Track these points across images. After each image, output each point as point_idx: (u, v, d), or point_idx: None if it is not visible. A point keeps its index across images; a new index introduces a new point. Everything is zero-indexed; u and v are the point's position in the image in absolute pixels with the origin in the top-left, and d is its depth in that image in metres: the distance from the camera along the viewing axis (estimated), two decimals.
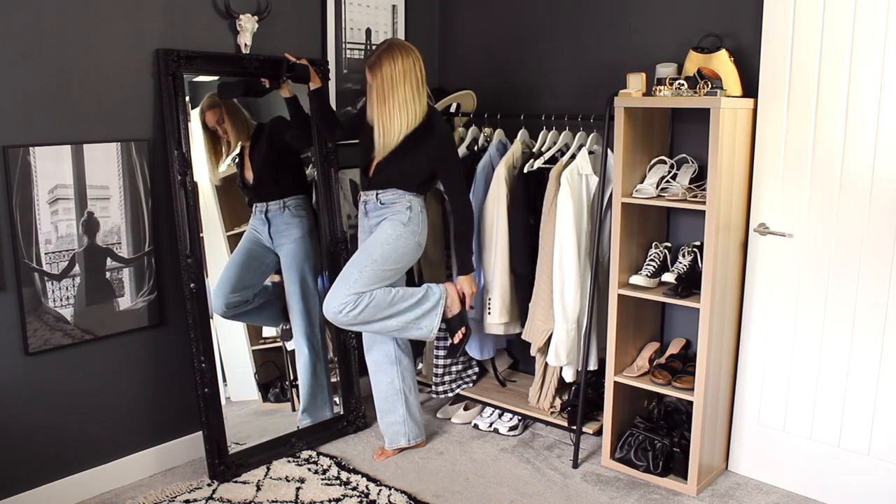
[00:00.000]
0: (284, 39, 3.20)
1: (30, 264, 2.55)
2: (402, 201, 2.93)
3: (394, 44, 2.84)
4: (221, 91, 2.91)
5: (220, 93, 2.91)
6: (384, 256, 2.87)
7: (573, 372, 3.13)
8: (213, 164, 3.02)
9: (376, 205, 2.96)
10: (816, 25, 2.60)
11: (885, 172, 2.54)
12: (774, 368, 2.87)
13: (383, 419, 3.15)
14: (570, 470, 3.05)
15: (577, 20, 3.37)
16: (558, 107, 3.38)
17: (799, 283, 2.77)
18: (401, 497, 2.81)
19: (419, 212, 2.96)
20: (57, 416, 2.70)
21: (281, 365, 3.32)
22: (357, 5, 3.48)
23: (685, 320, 3.18)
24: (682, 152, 3.01)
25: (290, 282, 3.21)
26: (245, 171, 3.11)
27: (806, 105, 2.67)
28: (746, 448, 2.98)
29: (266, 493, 2.83)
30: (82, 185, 2.65)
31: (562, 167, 3.05)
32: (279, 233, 3.16)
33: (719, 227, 2.69)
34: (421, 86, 2.86)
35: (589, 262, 3.05)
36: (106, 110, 2.70)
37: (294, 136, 3.20)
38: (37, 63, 2.51)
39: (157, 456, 2.99)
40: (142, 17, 2.75)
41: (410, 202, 2.93)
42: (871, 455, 2.69)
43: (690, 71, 2.78)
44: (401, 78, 2.79)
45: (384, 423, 3.15)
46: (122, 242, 2.79)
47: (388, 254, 2.87)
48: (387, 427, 3.14)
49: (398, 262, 2.92)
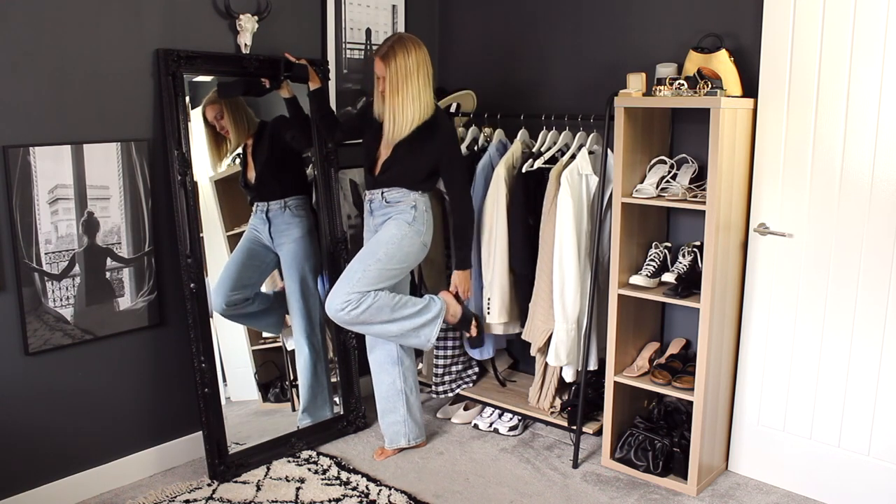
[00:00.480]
0: (284, 39, 3.20)
1: (30, 264, 2.55)
2: (406, 200, 2.93)
3: (405, 37, 2.85)
4: (221, 90, 2.91)
5: (219, 92, 2.91)
6: (388, 255, 2.87)
7: (573, 372, 3.13)
8: (215, 160, 3.03)
9: (381, 203, 2.96)
10: (816, 25, 2.60)
11: (885, 172, 2.54)
12: (774, 368, 2.87)
13: (384, 419, 3.15)
14: (570, 470, 3.05)
15: (577, 20, 3.37)
16: (558, 107, 3.38)
17: (799, 283, 2.77)
18: (401, 497, 2.81)
19: (424, 211, 2.96)
20: (57, 416, 2.70)
21: (281, 365, 3.32)
22: (357, 5, 3.48)
23: (685, 320, 3.18)
24: (682, 152, 3.01)
25: (290, 281, 3.21)
26: (248, 170, 3.11)
27: (806, 105, 2.67)
28: (746, 448, 2.98)
29: (266, 493, 2.83)
30: (82, 185, 2.65)
31: (562, 167, 3.05)
32: (280, 232, 3.16)
33: (719, 227, 2.69)
34: (430, 80, 2.88)
35: (589, 262, 3.05)
36: (106, 110, 2.70)
37: (294, 137, 3.20)
38: (37, 63, 2.51)
39: (157, 456, 2.99)
40: (142, 17, 2.75)
41: (415, 201, 2.93)
42: (871, 455, 2.69)
43: (690, 71, 2.78)
44: (414, 69, 2.80)
45: (385, 423, 3.15)
46: (122, 242, 2.79)
47: (392, 253, 2.87)
48: (387, 427, 3.14)
49: (403, 262, 2.92)
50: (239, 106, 3.05)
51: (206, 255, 2.92)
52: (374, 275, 2.84)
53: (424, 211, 2.96)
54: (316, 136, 3.24)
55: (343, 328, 3.30)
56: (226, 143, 3.05)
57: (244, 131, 3.09)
